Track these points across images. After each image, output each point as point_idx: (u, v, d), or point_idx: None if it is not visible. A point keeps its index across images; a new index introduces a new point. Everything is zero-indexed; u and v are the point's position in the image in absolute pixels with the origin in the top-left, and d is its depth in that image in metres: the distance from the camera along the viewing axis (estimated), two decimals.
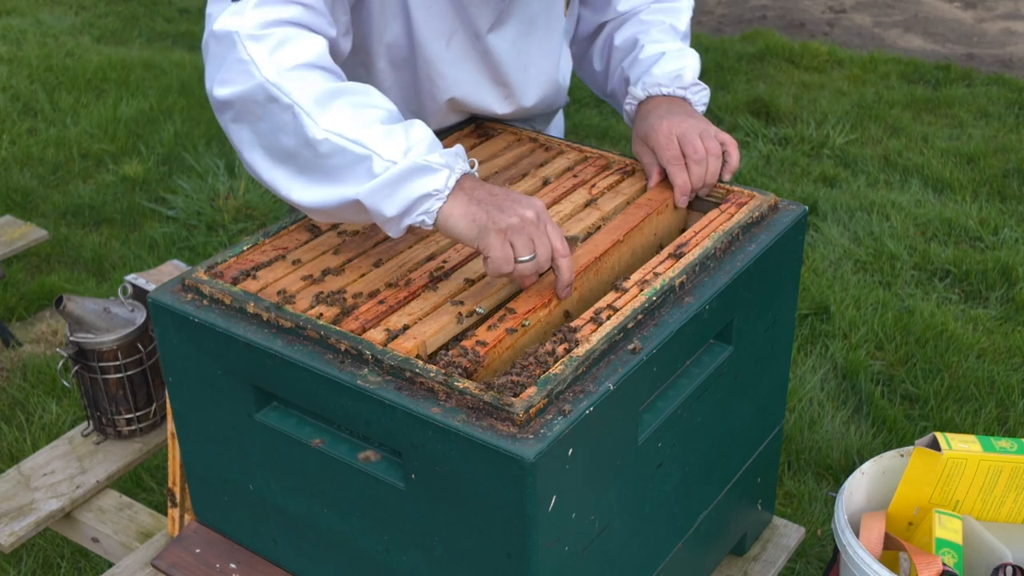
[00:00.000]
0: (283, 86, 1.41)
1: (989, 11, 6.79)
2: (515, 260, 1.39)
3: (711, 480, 1.61)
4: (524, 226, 1.39)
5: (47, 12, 6.81)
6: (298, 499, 1.48)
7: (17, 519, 1.90)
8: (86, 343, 1.98)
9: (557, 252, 1.41)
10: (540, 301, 1.43)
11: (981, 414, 3.10)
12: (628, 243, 1.59)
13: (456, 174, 1.40)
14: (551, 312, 1.44)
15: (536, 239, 1.40)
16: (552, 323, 1.46)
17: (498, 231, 1.38)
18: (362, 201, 1.40)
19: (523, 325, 1.39)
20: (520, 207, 1.40)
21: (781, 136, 4.96)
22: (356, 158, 1.39)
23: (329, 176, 1.42)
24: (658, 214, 1.66)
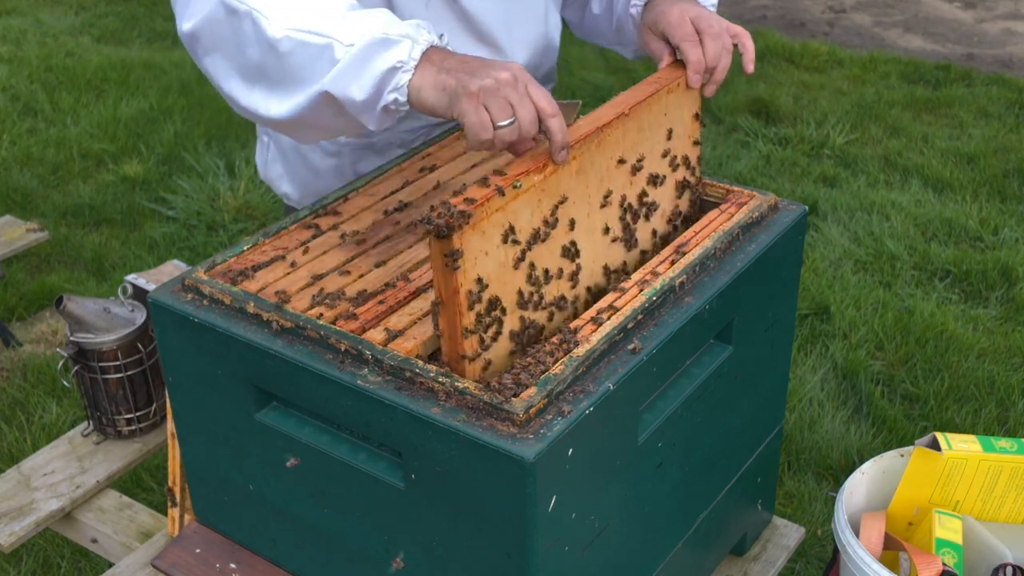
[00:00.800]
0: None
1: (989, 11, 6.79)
2: (493, 126, 1.30)
3: (711, 480, 1.61)
4: (499, 88, 1.30)
5: (47, 12, 6.81)
6: (298, 499, 1.48)
7: (17, 519, 1.90)
8: (86, 343, 1.98)
9: (543, 112, 1.32)
10: (534, 164, 1.35)
11: (981, 414, 3.10)
12: (634, 118, 1.49)
13: (420, 45, 1.34)
14: (546, 178, 1.36)
15: (515, 102, 1.31)
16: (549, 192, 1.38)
17: (469, 95, 1.30)
18: (330, 92, 1.35)
19: (515, 187, 1.31)
20: (494, 69, 1.32)
21: (781, 136, 4.96)
22: (317, 49, 1.35)
23: (296, 76, 1.39)
24: (668, 92, 1.55)
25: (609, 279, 1.54)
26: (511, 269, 1.35)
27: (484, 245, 1.30)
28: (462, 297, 1.28)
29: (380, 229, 1.61)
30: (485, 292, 1.31)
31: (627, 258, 1.56)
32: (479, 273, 1.29)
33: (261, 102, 1.45)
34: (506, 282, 1.34)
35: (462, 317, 1.29)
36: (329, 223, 1.63)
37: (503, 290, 1.34)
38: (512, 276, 1.35)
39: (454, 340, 1.31)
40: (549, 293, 1.42)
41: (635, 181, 1.53)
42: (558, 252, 1.42)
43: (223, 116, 5.12)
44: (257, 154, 2.09)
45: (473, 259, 1.28)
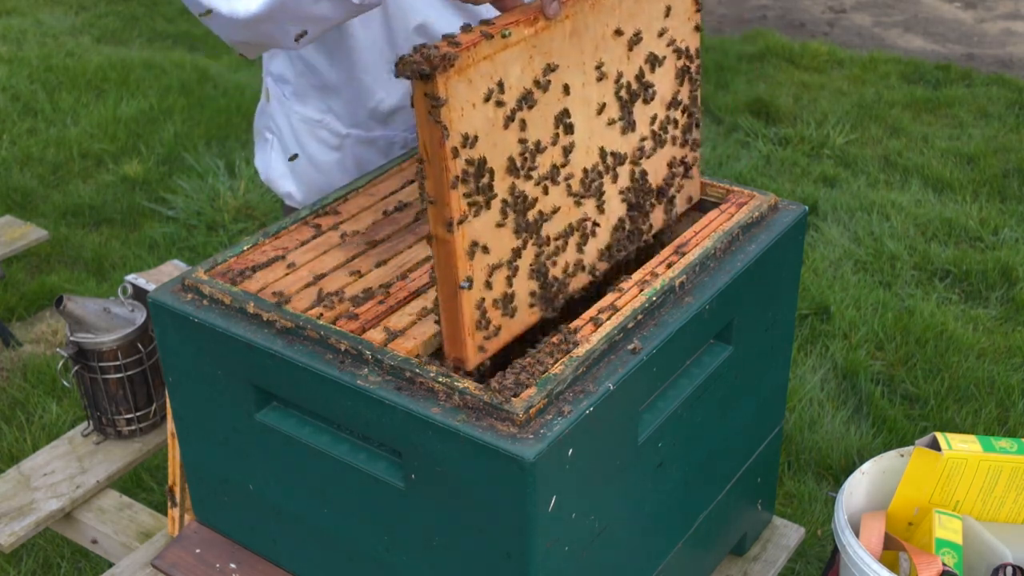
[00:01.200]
0: None
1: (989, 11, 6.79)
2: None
3: (711, 480, 1.61)
4: None
5: (47, 12, 6.81)
6: (298, 499, 1.48)
7: (17, 519, 1.91)
8: (86, 343, 1.98)
9: None
10: (524, 16, 1.29)
11: (981, 414, 3.10)
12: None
13: None
14: (538, 33, 1.30)
15: None
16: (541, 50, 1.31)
17: None
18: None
19: (503, 35, 1.26)
20: None
21: (781, 136, 4.97)
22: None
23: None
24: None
25: (606, 164, 1.46)
26: (501, 129, 1.27)
27: (471, 96, 1.22)
28: (447, 151, 1.20)
29: (380, 229, 1.61)
30: (473, 150, 1.23)
31: (625, 145, 1.48)
32: (465, 128, 1.22)
33: (239, 2, 1.44)
34: (495, 143, 1.27)
35: (448, 172, 1.20)
36: (329, 223, 1.63)
37: (492, 152, 1.26)
38: (502, 138, 1.28)
39: (441, 199, 1.22)
40: (542, 164, 1.34)
41: (632, 58, 1.46)
42: (551, 121, 1.35)
43: (223, 116, 5.12)
44: (257, 156, 2.08)
45: (460, 110, 1.21)
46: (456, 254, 1.25)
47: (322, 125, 1.93)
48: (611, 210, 1.49)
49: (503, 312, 1.35)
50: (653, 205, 1.58)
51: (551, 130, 1.35)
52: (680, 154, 1.60)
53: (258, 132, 2.08)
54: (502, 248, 1.33)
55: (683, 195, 1.64)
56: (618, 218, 1.51)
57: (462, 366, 1.33)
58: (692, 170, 1.63)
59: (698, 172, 1.66)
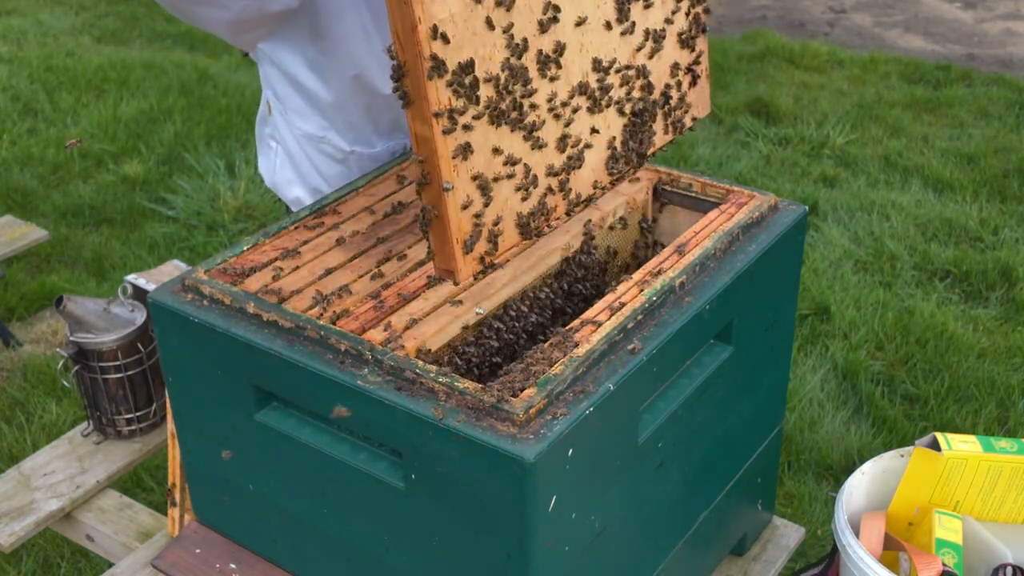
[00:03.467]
0: None
1: (989, 11, 6.79)
2: None
3: (711, 480, 1.61)
4: None
5: (47, 12, 6.81)
6: (298, 499, 1.48)
7: (17, 519, 1.90)
8: (86, 343, 1.98)
9: None
10: None
11: (981, 414, 3.10)
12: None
13: None
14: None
15: None
16: None
17: None
18: None
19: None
20: None
21: (781, 136, 4.96)
22: None
23: None
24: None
25: (602, 66, 1.35)
26: (479, 16, 1.16)
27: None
28: (420, 35, 1.08)
29: (380, 229, 1.61)
30: (449, 35, 1.12)
31: (623, 48, 1.36)
32: (440, 11, 1.11)
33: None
34: (475, 32, 1.15)
35: (423, 60, 1.09)
36: (329, 223, 1.63)
37: (472, 41, 1.16)
38: (481, 26, 1.17)
39: (419, 92, 1.10)
40: (529, 63, 1.23)
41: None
42: (538, 13, 1.24)
43: (223, 116, 5.12)
44: (261, 162, 2.08)
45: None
46: (438, 152, 1.15)
47: (325, 141, 1.94)
48: (609, 119, 1.37)
49: (493, 220, 1.24)
50: (654, 116, 1.45)
51: (537, 22, 1.25)
52: (686, 59, 1.48)
53: (261, 139, 2.07)
54: (488, 152, 1.22)
55: (689, 108, 1.51)
56: (617, 129, 1.39)
57: (452, 279, 1.25)
58: (699, 80, 1.49)
59: (707, 83, 1.51)
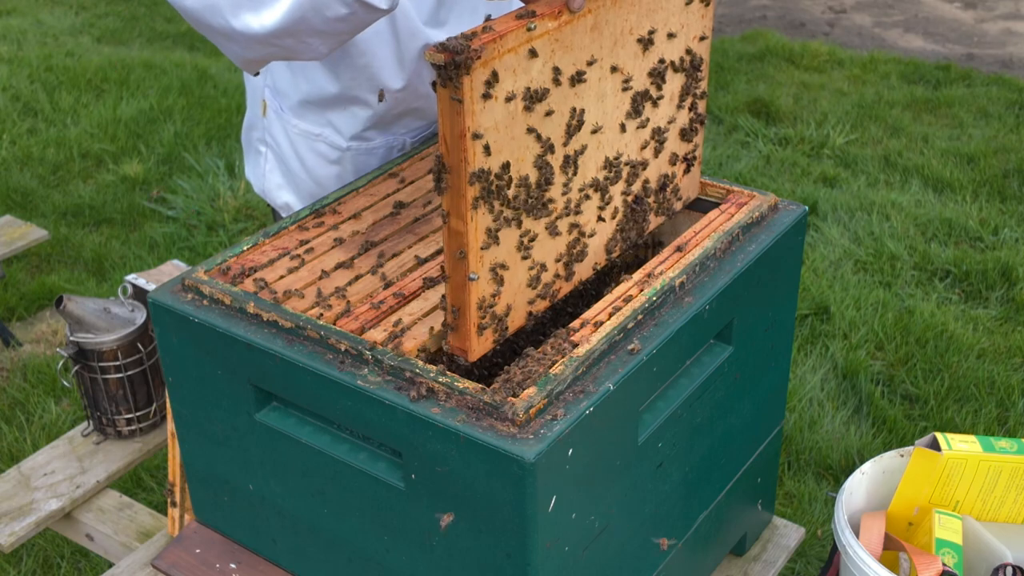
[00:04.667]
0: None
1: (989, 11, 6.79)
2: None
3: (711, 480, 1.61)
4: None
5: (47, 12, 6.81)
6: (298, 499, 1.48)
7: (17, 519, 1.90)
8: (86, 343, 1.98)
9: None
10: (548, 9, 1.29)
11: (981, 414, 3.10)
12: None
13: None
14: (561, 28, 1.31)
15: None
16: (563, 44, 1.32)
17: None
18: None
19: (528, 29, 1.26)
20: None
21: (781, 136, 4.97)
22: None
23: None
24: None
25: (615, 163, 1.47)
26: (518, 122, 1.27)
27: (493, 88, 1.22)
28: (468, 142, 1.20)
29: (380, 229, 1.61)
30: (491, 142, 1.23)
31: (634, 144, 1.49)
32: (485, 120, 1.22)
33: (252, 19, 1.42)
34: (513, 137, 1.27)
35: (467, 164, 1.21)
36: (329, 223, 1.63)
37: (510, 146, 1.27)
38: (520, 131, 1.28)
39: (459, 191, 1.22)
40: (555, 161, 1.35)
41: (647, 55, 1.47)
42: (566, 116, 1.35)
43: (223, 116, 5.12)
44: (250, 169, 2.06)
45: (481, 102, 1.21)
46: (469, 246, 1.25)
47: (321, 139, 1.91)
48: (613, 208, 1.50)
49: (506, 308, 1.35)
50: (653, 203, 1.58)
51: (565, 126, 1.35)
52: (684, 150, 1.60)
53: (249, 145, 2.06)
54: (510, 244, 1.33)
55: (682, 193, 1.64)
56: (619, 217, 1.52)
57: (464, 356, 1.33)
58: (693, 168, 1.63)
59: (698, 170, 1.66)
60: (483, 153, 1.23)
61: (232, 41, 1.49)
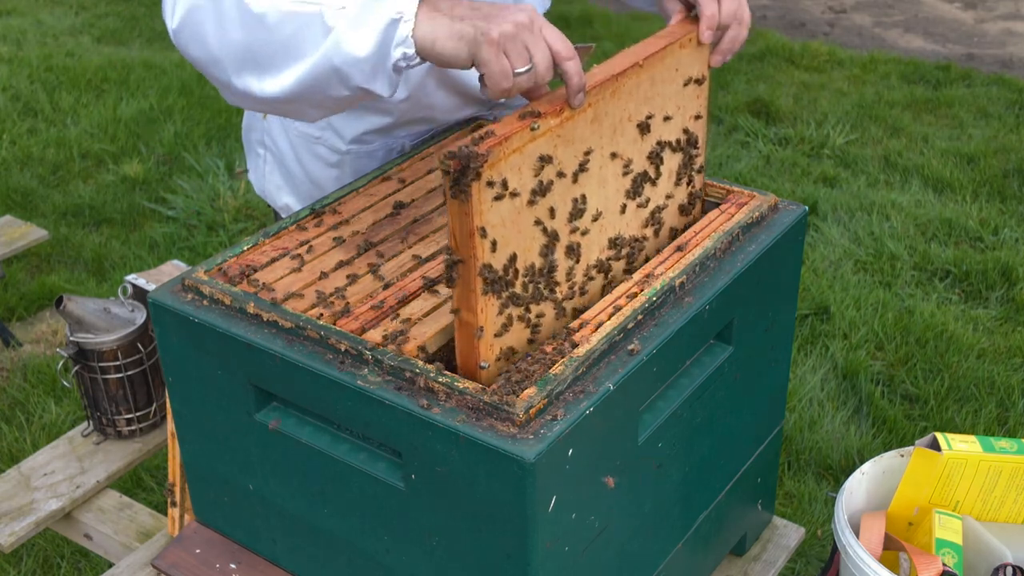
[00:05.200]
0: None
1: (989, 11, 6.79)
2: (512, 73, 1.28)
3: (711, 480, 1.61)
4: (518, 32, 1.27)
5: (47, 12, 6.81)
6: (298, 499, 1.48)
7: (17, 519, 1.90)
8: (86, 343, 1.98)
9: (559, 56, 1.30)
10: (551, 108, 1.33)
11: (981, 414, 3.10)
12: (648, 70, 1.48)
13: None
14: (563, 124, 1.35)
15: (531, 45, 1.28)
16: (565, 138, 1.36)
17: (490, 42, 1.26)
18: (331, 62, 1.31)
19: (532, 128, 1.30)
20: (511, 14, 1.28)
21: (781, 136, 4.96)
22: (306, 19, 1.32)
23: (288, 50, 1.35)
24: (680, 47, 1.54)
25: (617, 246, 1.51)
26: (523, 216, 1.32)
27: (499, 188, 1.26)
28: (476, 239, 1.24)
29: (380, 229, 1.61)
30: (498, 238, 1.27)
31: (634, 222, 1.54)
32: (492, 217, 1.26)
33: (254, 82, 1.41)
34: (520, 230, 1.31)
35: (476, 260, 1.25)
36: (329, 223, 1.63)
37: (516, 239, 1.31)
38: (526, 224, 1.32)
39: (468, 285, 1.27)
40: (559, 249, 1.40)
41: (646, 140, 1.51)
42: (569, 206, 1.39)
43: (223, 116, 5.12)
44: (251, 170, 2.06)
45: (488, 201, 1.24)
46: (480, 337, 1.31)
47: (320, 142, 1.90)
48: (612, 281, 1.54)
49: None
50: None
51: (568, 215, 1.40)
52: (681, 223, 1.65)
53: (249, 146, 2.05)
54: (520, 330, 1.37)
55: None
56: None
57: None
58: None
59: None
60: (490, 249, 1.27)
61: (229, 92, 1.49)
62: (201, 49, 1.44)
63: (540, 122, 1.30)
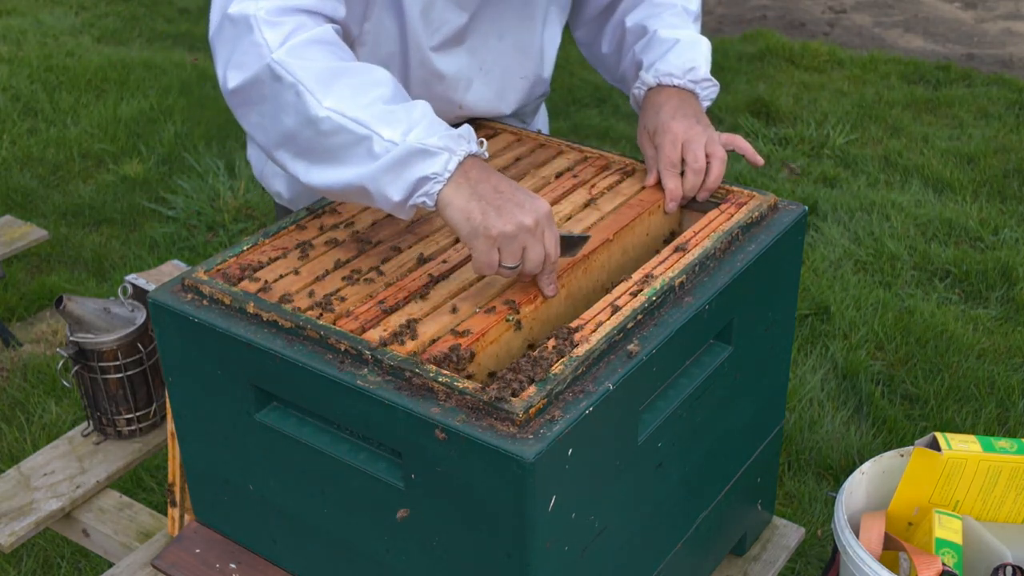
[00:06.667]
0: (288, 65, 1.41)
1: (989, 11, 6.79)
2: (499, 265, 1.39)
3: (711, 480, 1.61)
4: (518, 234, 1.37)
5: (47, 12, 6.81)
6: (298, 499, 1.48)
7: (17, 519, 1.90)
8: (86, 343, 1.98)
9: (548, 260, 1.41)
10: (525, 297, 1.43)
11: (981, 414, 3.10)
12: (619, 242, 1.59)
13: (457, 156, 1.39)
14: (537, 308, 1.44)
15: (529, 247, 1.38)
16: (539, 319, 1.45)
17: (488, 237, 1.37)
18: (365, 186, 1.41)
19: (507, 320, 1.40)
20: (521, 213, 1.37)
21: (781, 136, 4.97)
22: (357, 138, 1.39)
23: (332, 157, 1.43)
24: (650, 214, 1.65)
25: None
26: None
27: (479, 375, 1.36)
28: None
29: (380, 229, 1.61)
30: None
31: None
32: None
33: (289, 160, 1.48)
34: None
35: None
36: (329, 223, 1.63)
37: None
38: None
39: None
40: None
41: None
42: None
43: (223, 116, 5.12)
44: (251, 152, 2.07)
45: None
46: None
47: None
48: None
49: None
50: None
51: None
52: None
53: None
54: None
55: None
56: None
57: None
58: None
59: None
60: None
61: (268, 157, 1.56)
62: (252, 119, 1.50)
63: (517, 316, 1.40)
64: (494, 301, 1.43)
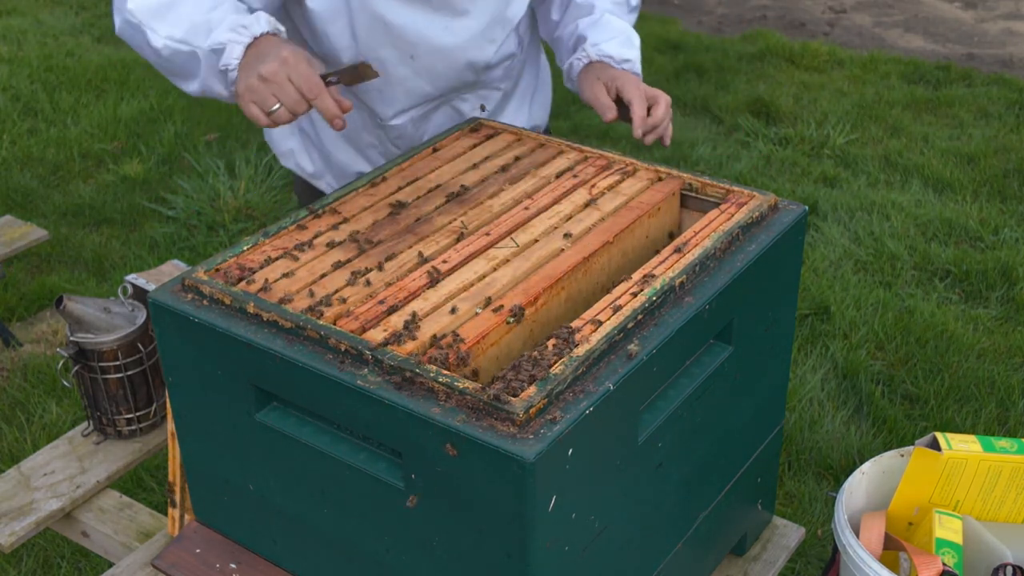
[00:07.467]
0: (134, 11, 1.69)
1: (989, 11, 6.79)
2: (266, 114, 1.58)
3: (711, 480, 1.61)
4: (260, 84, 1.56)
5: (47, 12, 6.81)
6: (298, 499, 1.48)
7: (17, 519, 1.90)
8: (86, 343, 1.98)
9: (308, 95, 1.55)
10: (526, 299, 1.44)
11: (981, 414, 3.10)
12: (619, 244, 1.59)
13: (240, 43, 1.61)
14: (538, 310, 1.44)
15: (276, 91, 1.55)
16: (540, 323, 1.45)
17: (239, 96, 1.60)
18: (206, 92, 1.70)
19: (508, 323, 1.40)
20: (264, 63, 1.56)
21: (781, 136, 4.96)
22: (187, 56, 1.67)
23: (181, 73, 1.72)
24: (650, 216, 1.66)
25: None
26: None
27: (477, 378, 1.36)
28: None
29: (380, 229, 1.61)
30: None
31: None
32: None
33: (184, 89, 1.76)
34: None
35: None
36: (329, 223, 1.63)
37: None
38: None
39: None
40: None
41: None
42: None
43: (223, 116, 5.12)
44: (268, 134, 2.16)
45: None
46: None
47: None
48: None
49: None
50: None
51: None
52: None
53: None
54: None
55: None
56: None
57: None
58: None
59: None
60: None
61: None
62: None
63: (517, 316, 1.41)
64: (494, 301, 1.43)
